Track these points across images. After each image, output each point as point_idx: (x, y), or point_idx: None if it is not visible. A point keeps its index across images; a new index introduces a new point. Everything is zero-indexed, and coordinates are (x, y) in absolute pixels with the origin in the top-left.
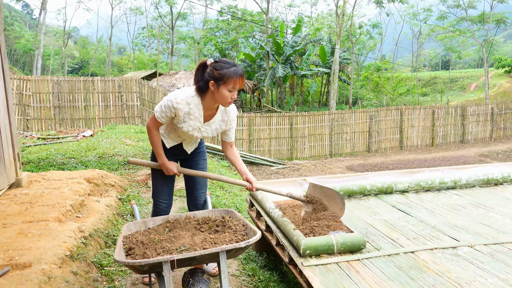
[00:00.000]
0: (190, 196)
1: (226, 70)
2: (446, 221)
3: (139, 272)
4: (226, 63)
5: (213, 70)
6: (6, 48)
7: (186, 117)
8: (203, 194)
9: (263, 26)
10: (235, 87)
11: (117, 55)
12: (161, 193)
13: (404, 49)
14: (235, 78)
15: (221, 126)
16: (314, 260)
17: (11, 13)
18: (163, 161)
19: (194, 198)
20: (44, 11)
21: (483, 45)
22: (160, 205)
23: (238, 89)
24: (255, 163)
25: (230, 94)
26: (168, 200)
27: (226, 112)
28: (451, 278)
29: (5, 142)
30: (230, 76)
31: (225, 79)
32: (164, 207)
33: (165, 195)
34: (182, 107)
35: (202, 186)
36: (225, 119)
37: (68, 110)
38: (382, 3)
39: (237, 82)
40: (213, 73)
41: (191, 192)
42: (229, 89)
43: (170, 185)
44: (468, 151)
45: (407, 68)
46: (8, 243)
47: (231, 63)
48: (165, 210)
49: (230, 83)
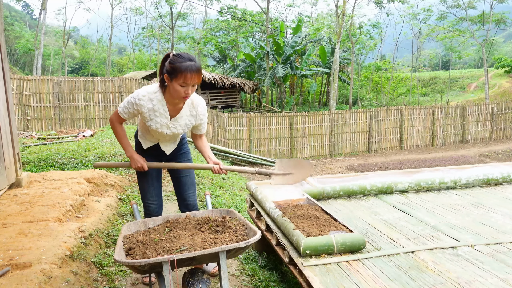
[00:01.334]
0: (180, 198)
1: (178, 64)
2: (446, 221)
3: (139, 272)
4: (182, 57)
5: (168, 63)
6: (6, 48)
7: (151, 114)
8: (192, 194)
9: (263, 26)
10: (186, 82)
11: (117, 55)
12: (148, 194)
13: (404, 49)
14: (186, 73)
15: (191, 121)
16: (314, 260)
17: (11, 13)
18: (131, 154)
19: (183, 200)
20: (44, 11)
21: (483, 45)
22: (149, 207)
23: (193, 85)
24: (255, 163)
25: (183, 89)
26: (156, 201)
27: (194, 106)
28: (451, 278)
29: (5, 142)
30: (181, 71)
31: (176, 73)
32: (154, 208)
33: (152, 196)
34: (145, 103)
35: (189, 186)
36: (193, 113)
37: (68, 110)
38: (382, 3)
39: (189, 77)
40: (168, 66)
41: (180, 194)
42: (181, 84)
43: (156, 185)
44: (468, 151)
45: (407, 68)
46: (8, 243)
47: (186, 57)
48: (156, 211)
49: (181, 78)
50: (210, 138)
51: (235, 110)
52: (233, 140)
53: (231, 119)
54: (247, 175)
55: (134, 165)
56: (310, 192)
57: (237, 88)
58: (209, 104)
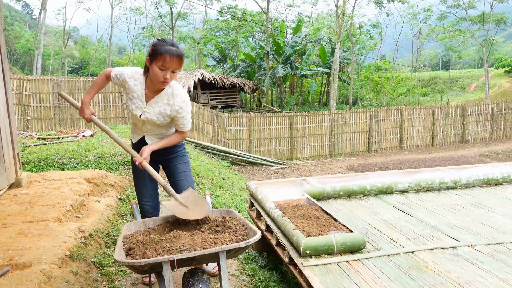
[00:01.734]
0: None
1: (159, 47)
2: (446, 221)
3: (139, 272)
4: (164, 41)
5: (151, 46)
6: (6, 48)
7: (130, 93)
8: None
9: (263, 26)
10: (165, 65)
11: (117, 55)
12: (142, 195)
13: (404, 49)
14: (166, 55)
15: (166, 110)
16: (314, 260)
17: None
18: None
19: None
20: (44, 11)
21: (483, 45)
22: (144, 207)
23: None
24: (255, 163)
25: (162, 73)
26: (150, 202)
27: (173, 96)
28: (451, 278)
29: (5, 142)
30: (161, 53)
31: (156, 55)
32: (148, 209)
33: (145, 197)
34: (129, 81)
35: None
36: (170, 103)
37: (68, 110)
38: (382, 3)
39: (168, 60)
40: (150, 49)
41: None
42: (160, 67)
43: (149, 186)
44: (468, 151)
45: (407, 68)
46: (8, 243)
47: (169, 42)
48: (151, 213)
49: (160, 60)
50: (210, 138)
51: (235, 110)
52: (233, 140)
53: (231, 119)
54: (247, 175)
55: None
56: (310, 192)
57: (237, 88)
58: (209, 104)
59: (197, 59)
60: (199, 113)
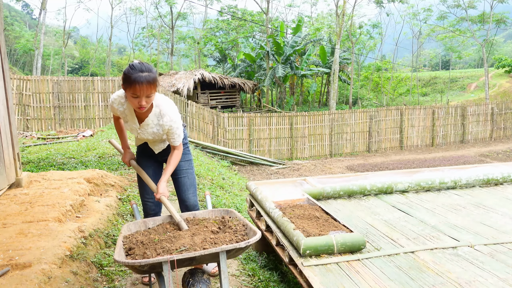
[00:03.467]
0: (179, 198)
1: (128, 75)
2: (446, 221)
3: (139, 272)
4: (133, 68)
5: (123, 73)
6: (6, 48)
7: (124, 117)
8: (192, 195)
9: (263, 26)
10: (136, 93)
11: (117, 55)
12: (144, 192)
13: (404, 49)
14: (134, 84)
15: (158, 130)
16: (314, 260)
17: (11, 13)
18: (124, 147)
19: (183, 200)
20: (44, 11)
21: (483, 45)
22: (146, 204)
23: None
24: (255, 163)
25: (136, 100)
26: (153, 198)
27: (161, 115)
28: (451, 278)
29: (5, 142)
30: (130, 82)
31: (126, 84)
32: (151, 206)
33: (148, 194)
34: (117, 107)
35: (188, 187)
36: (160, 123)
37: (68, 110)
38: (382, 3)
39: (138, 89)
40: (122, 76)
41: (179, 195)
42: (132, 95)
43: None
44: (468, 151)
45: (407, 68)
46: (8, 243)
47: (138, 68)
48: (153, 209)
49: (131, 88)
50: (210, 138)
51: (235, 110)
52: (233, 140)
53: (231, 119)
54: (247, 175)
55: (122, 158)
56: (310, 192)
57: (237, 88)
58: (209, 104)
59: (197, 59)
60: (199, 113)
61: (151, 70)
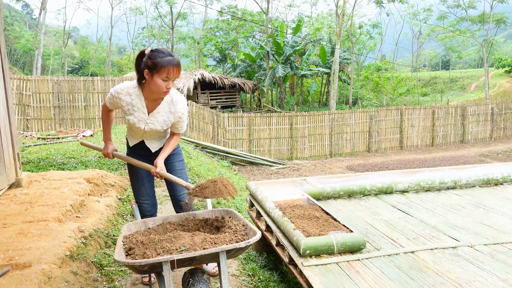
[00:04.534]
0: (173, 198)
1: (159, 59)
2: (446, 221)
3: (139, 272)
4: (161, 52)
5: (148, 59)
6: (6, 48)
7: (130, 108)
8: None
9: (263, 26)
10: (169, 76)
11: (117, 55)
12: (139, 194)
13: (404, 49)
14: (168, 67)
15: (169, 118)
16: (314, 260)
17: (11, 13)
18: (105, 140)
19: (177, 200)
20: (44, 11)
21: (483, 45)
22: (142, 206)
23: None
24: (255, 163)
25: (164, 84)
26: (149, 200)
27: (173, 103)
28: (451, 278)
29: (5, 142)
30: (163, 65)
31: (158, 67)
32: (147, 207)
33: (143, 196)
34: (123, 97)
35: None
36: (172, 110)
37: (68, 110)
38: (382, 3)
39: (171, 71)
40: (147, 62)
41: (173, 195)
42: (163, 78)
43: (147, 185)
44: (468, 151)
45: (407, 68)
46: (8, 243)
47: (166, 52)
48: (149, 211)
49: (164, 72)
50: (210, 138)
51: (235, 110)
52: (233, 140)
53: (231, 119)
54: (247, 175)
55: (104, 150)
56: (310, 192)
57: (237, 88)
58: (209, 104)
59: (197, 59)
60: (199, 113)
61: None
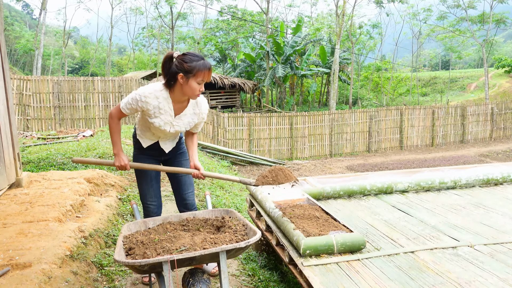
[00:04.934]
0: (178, 197)
1: (195, 63)
2: (446, 221)
3: (139, 272)
4: (195, 56)
5: (183, 62)
6: (6, 48)
7: (156, 111)
8: (191, 193)
9: (263, 26)
10: (204, 80)
11: (117, 55)
12: (147, 195)
13: (404, 49)
14: (204, 71)
15: (193, 119)
16: (314, 260)
17: (11, 13)
18: (117, 151)
19: (182, 199)
20: (44, 11)
21: (483, 45)
22: (149, 208)
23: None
24: (255, 163)
25: (198, 87)
26: (156, 201)
27: (198, 104)
28: (451, 278)
29: (5, 142)
30: (200, 69)
31: (194, 71)
32: (153, 209)
33: (151, 197)
34: (151, 101)
35: (188, 186)
36: (196, 112)
37: (68, 110)
38: (382, 3)
39: (206, 75)
40: (183, 65)
41: (178, 194)
42: (198, 82)
43: (155, 186)
44: (468, 151)
45: (407, 68)
46: (8, 243)
47: (199, 56)
48: (155, 212)
49: (200, 75)
50: (210, 138)
51: (235, 110)
52: (233, 140)
53: (231, 119)
54: (247, 175)
55: (118, 162)
56: (310, 192)
57: (237, 88)
58: (209, 104)
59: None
60: None
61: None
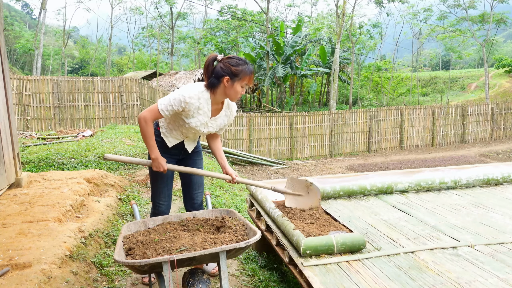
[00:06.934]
0: (187, 196)
1: (242, 67)
2: (446, 221)
3: (139, 272)
4: (240, 60)
5: (230, 66)
6: (6, 48)
7: (195, 112)
8: (200, 194)
9: (263, 26)
10: (248, 84)
11: (117, 55)
12: (161, 195)
13: (404, 49)
14: (250, 75)
15: (224, 121)
16: (314, 260)
17: (11, 13)
18: (156, 156)
19: (191, 198)
20: (44, 11)
21: (483, 45)
22: (160, 207)
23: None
24: (255, 163)
25: (241, 90)
26: (167, 201)
27: (229, 107)
28: (451, 278)
29: (5, 142)
30: (246, 73)
31: (241, 75)
32: (164, 209)
33: (165, 197)
34: (194, 102)
35: (199, 186)
36: (227, 114)
37: (68, 110)
38: (382, 3)
39: (250, 79)
40: (230, 69)
41: (187, 192)
42: (242, 86)
43: (169, 186)
44: (468, 151)
45: (407, 68)
46: (8, 243)
47: (244, 60)
48: (165, 212)
49: (245, 79)
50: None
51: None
52: (233, 140)
53: None
54: (247, 175)
55: (156, 167)
56: None
57: None
58: None
59: (197, 59)
60: None
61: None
